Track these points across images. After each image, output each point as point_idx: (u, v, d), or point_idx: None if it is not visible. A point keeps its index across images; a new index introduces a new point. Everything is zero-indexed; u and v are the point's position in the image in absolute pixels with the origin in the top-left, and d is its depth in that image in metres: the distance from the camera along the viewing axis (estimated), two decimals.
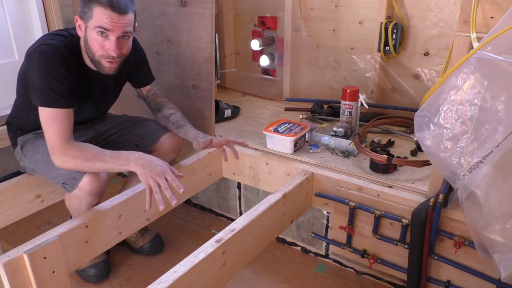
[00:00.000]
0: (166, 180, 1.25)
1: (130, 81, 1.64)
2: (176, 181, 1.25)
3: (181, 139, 1.64)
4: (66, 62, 1.34)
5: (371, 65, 2.05)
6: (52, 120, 1.31)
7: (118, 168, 1.32)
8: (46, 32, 2.09)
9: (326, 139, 1.73)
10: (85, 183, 1.37)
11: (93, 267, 1.62)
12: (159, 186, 1.24)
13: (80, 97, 1.44)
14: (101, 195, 1.42)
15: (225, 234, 1.20)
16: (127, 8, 1.32)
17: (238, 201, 1.97)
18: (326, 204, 1.56)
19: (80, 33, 1.37)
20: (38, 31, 2.08)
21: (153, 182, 1.24)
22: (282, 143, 1.68)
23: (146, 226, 1.70)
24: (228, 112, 2.08)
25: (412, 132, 1.75)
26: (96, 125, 1.67)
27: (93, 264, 1.61)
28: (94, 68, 1.44)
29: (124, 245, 1.78)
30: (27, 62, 1.34)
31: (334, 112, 2.03)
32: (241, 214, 1.98)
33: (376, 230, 1.41)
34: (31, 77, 1.32)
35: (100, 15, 1.28)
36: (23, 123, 1.54)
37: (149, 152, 1.66)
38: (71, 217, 1.59)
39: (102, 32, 1.31)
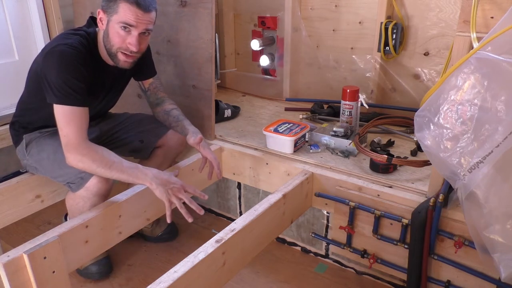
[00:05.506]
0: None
1: (134, 74, 1.65)
2: (194, 202, 1.32)
3: None
4: (84, 60, 1.36)
5: (371, 65, 2.05)
6: (69, 117, 1.32)
7: (133, 181, 1.33)
8: (46, 32, 2.09)
9: (326, 139, 1.73)
10: (93, 184, 1.38)
11: (96, 265, 1.62)
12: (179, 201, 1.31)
13: (93, 92, 1.46)
14: (106, 197, 1.43)
15: (225, 234, 1.20)
16: (151, 6, 1.37)
17: (238, 201, 1.97)
18: (326, 204, 1.56)
19: (101, 26, 1.40)
20: (38, 31, 2.08)
21: (175, 199, 1.30)
22: (282, 143, 1.68)
23: None
24: (228, 112, 2.08)
25: (412, 132, 1.75)
26: (100, 123, 1.68)
27: (95, 262, 1.62)
28: (110, 63, 1.47)
29: (127, 243, 1.76)
30: (44, 61, 1.34)
31: (334, 112, 2.03)
32: (241, 214, 1.98)
33: (376, 230, 1.41)
34: (48, 75, 1.33)
35: (126, 11, 1.33)
36: (30, 122, 1.55)
37: (156, 147, 1.67)
38: (65, 216, 1.60)
39: (125, 27, 1.35)
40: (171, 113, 1.63)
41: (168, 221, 1.31)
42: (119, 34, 1.36)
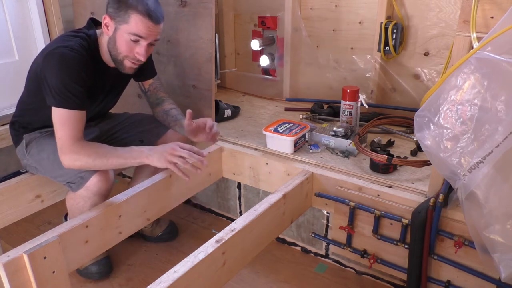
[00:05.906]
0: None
1: (134, 75, 1.65)
2: (195, 155, 1.34)
3: None
4: (84, 63, 1.36)
5: (371, 65, 2.05)
6: (65, 120, 1.33)
7: (131, 162, 1.35)
8: (46, 32, 2.09)
9: (326, 139, 1.73)
10: (93, 183, 1.38)
11: (96, 265, 1.62)
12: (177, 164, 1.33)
13: (93, 95, 1.46)
14: (106, 196, 1.43)
15: (225, 234, 1.20)
16: (161, 18, 1.39)
17: (238, 201, 1.97)
18: (326, 204, 1.56)
19: (106, 31, 1.40)
20: (38, 31, 2.08)
21: (174, 157, 1.32)
22: (282, 143, 1.68)
23: None
24: (228, 112, 2.08)
25: (412, 132, 1.75)
26: (100, 123, 1.68)
27: (95, 262, 1.62)
28: (110, 65, 1.47)
29: (127, 243, 1.76)
30: (44, 63, 1.35)
31: (334, 112, 2.03)
32: (241, 214, 1.98)
33: (376, 230, 1.41)
34: (48, 78, 1.33)
35: (137, 23, 1.34)
36: (30, 122, 1.55)
37: None
38: (65, 216, 1.60)
39: (135, 39, 1.36)
40: (169, 113, 1.63)
41: (186, 178, 1.34)
42: (128, 43, 1.37)
